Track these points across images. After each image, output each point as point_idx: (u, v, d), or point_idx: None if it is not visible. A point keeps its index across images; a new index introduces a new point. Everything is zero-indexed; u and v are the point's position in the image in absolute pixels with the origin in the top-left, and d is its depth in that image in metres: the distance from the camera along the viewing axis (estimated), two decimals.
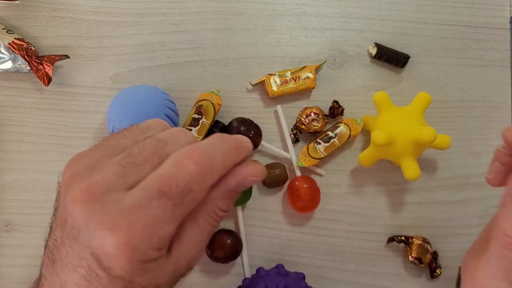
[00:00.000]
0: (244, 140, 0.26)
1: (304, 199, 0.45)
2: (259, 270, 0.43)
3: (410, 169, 0.43)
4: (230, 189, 0.25)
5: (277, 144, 0.48)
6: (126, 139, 0.24)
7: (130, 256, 0.21)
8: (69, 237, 0.22)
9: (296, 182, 0.46)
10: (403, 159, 0.44)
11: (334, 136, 0.46)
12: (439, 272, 0.48)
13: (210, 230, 0.26)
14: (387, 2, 0.50)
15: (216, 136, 0.25)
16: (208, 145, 0.24)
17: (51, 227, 0.24)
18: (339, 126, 0.47)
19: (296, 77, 0.47)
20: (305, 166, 0.46)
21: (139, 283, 0.22)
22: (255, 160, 0.26)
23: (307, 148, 0.46)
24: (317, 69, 0.48)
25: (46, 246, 0.24)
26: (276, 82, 0.46)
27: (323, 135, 0.47)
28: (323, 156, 0.46)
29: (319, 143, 0.46)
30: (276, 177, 0.46)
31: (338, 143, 0.46)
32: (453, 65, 0.50)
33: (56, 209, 0.24)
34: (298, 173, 0.47)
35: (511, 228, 0.30)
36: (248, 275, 0.46)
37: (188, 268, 0.26)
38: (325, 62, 0.48)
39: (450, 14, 0.50)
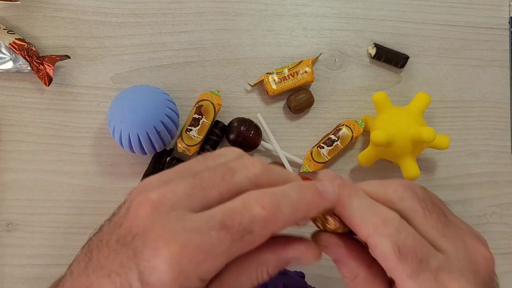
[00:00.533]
0: (325, 190, 0.24)
1: None
2: None
3: (410, 168, 0.43)
4: (286, 258, 0.24)
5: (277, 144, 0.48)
6: (199, 164, 0.25)
7: (175, 275, 0.21)
8: (119, 241, 0.22)
9: None
10: (403, 159, 0.44)
11: (336, 139, 0.46)
12: None
13: (250, 284, 0.24)
14: (386, 2, 0.50)
15: (294, 185, 0.24)
16: (280, 193, 0.23)
17: (101, 228, 0.24)
18: (341, 129, 0.47)
19: (294, 73, 0.47)
20: (310, 171, 0.46)
21: None
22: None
23: (311, 153, 0.46)
24: (314, 62, 0.48)
25: (86, 244, 0.24)
26: (274, 80, 0.47)
27: (325, 139, 0.47)
28: (327, 160, 0.46)
29: (322, 147, 0.46)
30: None
31: (341, 146, 0.46)
32: (452, 65, 0.50)
33: (115, 213, 0.24)
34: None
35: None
36: None
37: None
38: (320, 54, 0.48)
39: (449, 15, 0.50)
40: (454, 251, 0.25)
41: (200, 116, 0.45)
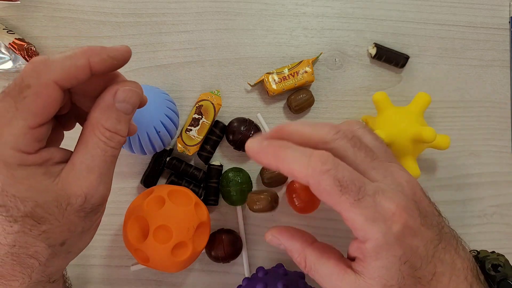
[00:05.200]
0: (114, 48, 0.28)
1: (303, 200, 0.45)
2: (259, 269, 0.43)
3: (410, 169, 0.43)
4: (108, 103, 0.26)
5: None
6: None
7: None
8: None
9: (295, 184, 0.46)
10: (403, 159, 0.44)
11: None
12: None
13: (101, 154, 0.26)
14: (386, 2, 0.50)
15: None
16: (54, 53, 0.27)
17: None
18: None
19: (294, 73, 0.47)
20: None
21: (12, 194, 0.24)
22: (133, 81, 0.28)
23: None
24: (314, 62, 0.48)
25: None
26: (274, 80, 0.47)
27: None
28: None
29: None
30: (275, 177, 0.46)
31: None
32: (453, 65, 0.50)
33: None
34: None
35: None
36: (248, 274, 0.46)
37: (86, 200, 0.26)
38: (321, 54, 0.48)
39: (449, 14, 0.50)
40: (383, 179, 0.28)
41: (200, 116, 0.45)
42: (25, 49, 0.44)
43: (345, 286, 0.27)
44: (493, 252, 0.40)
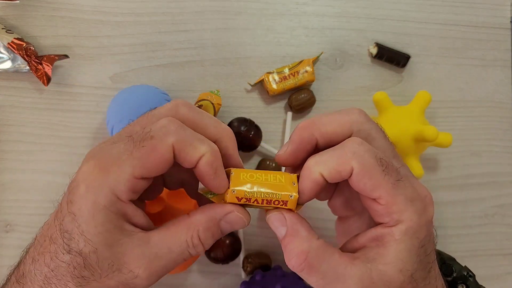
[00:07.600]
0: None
1: None
2: (257, 272, 0.43)
3: (413, 168, 0.43)
4: (216, 217, 0.26)
5: (276, 145, 0.48)
6: (136, 126, 0.27)
7: (85, 187, 0.24)
8: (67, 192, 0.25)
9: None
10: (406, 159, 0.44)
11: None
12: None
13: (177, 252, 0.26)
14: (387, 1, 0.49)
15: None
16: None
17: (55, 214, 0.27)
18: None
19: (294, 72, 0.47)
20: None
21: (82, 230, 0.24)
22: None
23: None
24: (314, 62, 0.48)
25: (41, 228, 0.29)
26: (275, 80, 0.46)
27: None
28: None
29: None
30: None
31: None
32: (454, 65, 0.50)
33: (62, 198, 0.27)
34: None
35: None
36: (245, 277, 0.46)
37: (134, 279, 0.25)
38: (321, 53, 0.48)
39: (451, 14, 0.50)
40: (402, 166, 0.27)
41: None
42: (24, 49, 0.44)
43: (354, 274, 0.25)
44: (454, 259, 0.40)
